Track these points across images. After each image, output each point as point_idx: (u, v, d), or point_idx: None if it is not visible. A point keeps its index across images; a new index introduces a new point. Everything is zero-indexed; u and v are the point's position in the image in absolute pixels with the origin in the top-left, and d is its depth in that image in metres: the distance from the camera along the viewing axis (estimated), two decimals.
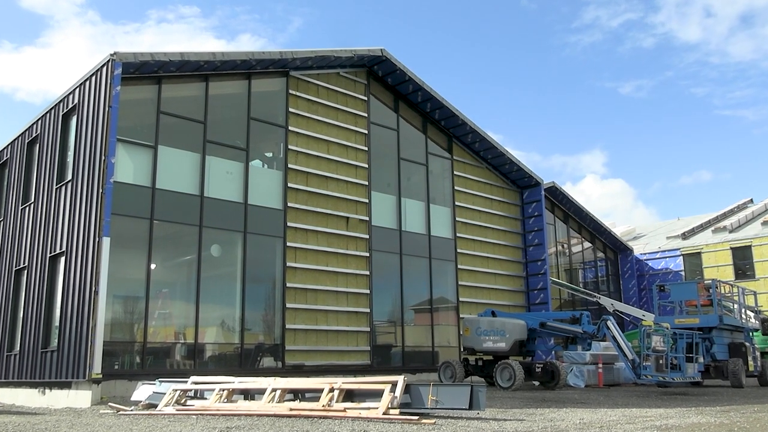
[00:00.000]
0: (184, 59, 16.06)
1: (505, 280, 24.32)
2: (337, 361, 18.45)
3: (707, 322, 19.68)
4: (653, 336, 16.51)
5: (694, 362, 17.92)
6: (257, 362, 17.42)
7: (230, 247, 17.55)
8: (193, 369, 15.39)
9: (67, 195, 15.77)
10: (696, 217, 39.05)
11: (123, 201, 15.00)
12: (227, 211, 17.17)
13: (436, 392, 9.40)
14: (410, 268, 21.33)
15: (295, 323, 17.84)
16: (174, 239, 16.86)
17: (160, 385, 12.12)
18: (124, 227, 15.05)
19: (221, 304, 17.37)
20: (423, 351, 21.32)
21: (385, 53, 20.54)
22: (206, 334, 16.77)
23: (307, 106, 19.50)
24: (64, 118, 16.92)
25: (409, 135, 22.60)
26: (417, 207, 22.18)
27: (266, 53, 17.88)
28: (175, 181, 16.36)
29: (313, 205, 18.93)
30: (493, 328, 18.22)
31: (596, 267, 31.62)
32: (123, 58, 14.91)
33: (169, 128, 16.50)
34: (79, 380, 13.68)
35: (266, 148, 19.74)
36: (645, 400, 14.16)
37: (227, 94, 18.31)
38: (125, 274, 15.59)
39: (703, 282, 21.85)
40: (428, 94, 21.92)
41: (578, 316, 18.04)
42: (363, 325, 19.35)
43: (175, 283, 17.03)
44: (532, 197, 25.53)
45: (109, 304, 14.39)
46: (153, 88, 16.44)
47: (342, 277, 19.20)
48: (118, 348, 15.12)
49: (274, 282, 18.00)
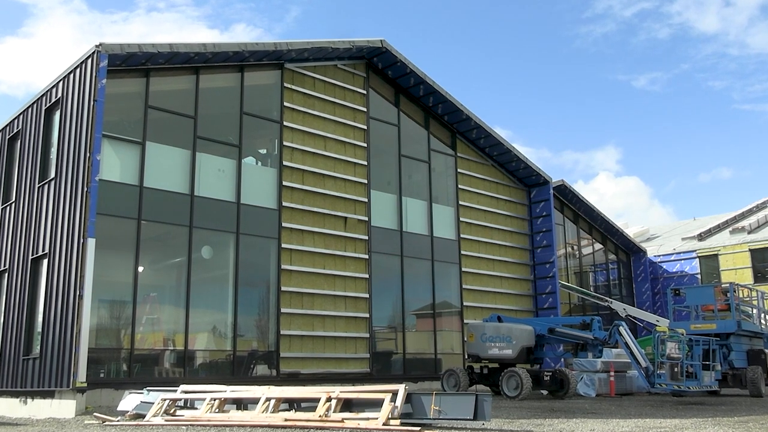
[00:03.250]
0: (173, 51, 16.08)
1: (512, 284, 24.34)
2: (335, 368, 18.46)
3: (725, 328, 19.69)
4: (668, 342, 16.54)
5: (711, 370, 17.94)
6: (250, 370, 17.43)
7: (222, 249, 17.56)
8: (183, 377, 15.39)
9: (50, 194, 15.77)
10: (713, 217, 39.05)
11: (109, 200, 15.00)
12: (219, 210, 17.18)
13: (439, 402, 9.41)
14: (412, 270, 21.34)
15: (290, 329, 17.85)
16: (163, 240, 16.87)
17: (148, 395, 12.13)
18: (110, 228, 15.05)
19: (212, 309, 17.38)
20: (425, 358, 21.33)
21: (385, 44, 20.55)
22: (197, 341, 16.78)
23: (303, 100, 19.51)
24: (47, 112, 16.93)
25: (411, 131, 22.62)
26: (419, 206, 22.19)
27: (260, 44, 17.89)
28: (164, 179, 16.37)
29: (310, 205, 18.94)
30: (499, 334, 18.23)
31: (608, 270, 31.64)
32: (109, 50, 14.91)
33: (158, 123, 16.51)
34: (63, 389, 13.67)
35: (260, 145, 19.75)
36: (659, 411, 14.16)
37: (219, 87, 18.33)
38: (111, 277, 15.60)
39: (720, 285, 21.85)
40: (431, 87, 21.93)
41: (589, 321, 18.05)
42: (362, 331, 19.36)
43: (164, 286, 17.04)
44: (540, 196, 25.55)
45: (95, 309, 14.39)
46: (141, 81, 16.45)
47: (340, 280, 19.21)
48: (104, 355, 15.13)
49: (269, 285, 18.02)
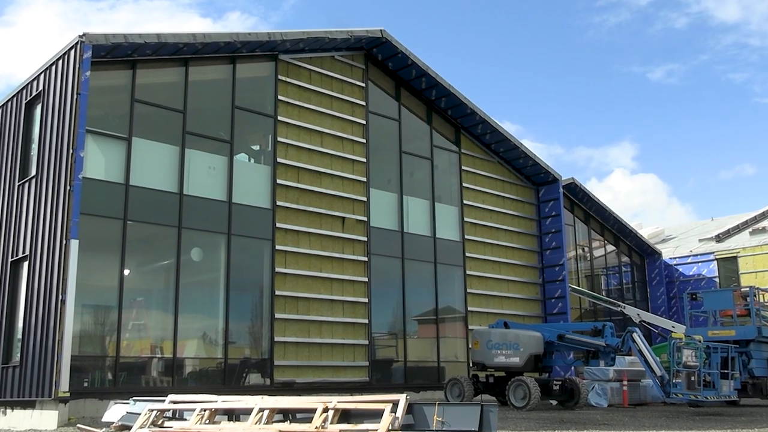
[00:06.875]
0: (161, 41, 16.06)
1: (519, 288, 24.32)
2: (332, 377, 18.45)
3: (744, 335, 19.65)
4: (684, 350, 16.49)
5: (730, 379, 17.89)
6: (243, 379, 17.42)
7: (212, 251, 17.54)
8: (172, 386, 15.36)
9: (31, 193, 15.76)
10: (731, 217, 39.00)
11: (93, 199, 14.97)
12: (209, 210, 17.16)
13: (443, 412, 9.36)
14: (413, 274, 21.32)
15: (284, 336, 17.83)
16: (150, 242, 16.86)
17: (135, 405, 12.08)
18: (94, 229, 15.03)
19: (202, 315, 17.37)
20: (427, 366, 21.31)
21: (385, 34, 20.54)
22: (186, 348, 16.76)
23: (299, 93, 19.49)
24: (28, 106, 16.91)
25: (412, 126, 22.60)
26: (421, 206, 22.17)
27: (253, 34, 17.88)
28: (152, 177, 16.34)
29: (305, 204, 18.92)
30: (506, 341, 18.21)
31: (620, 273, 31.62)
32: (93, 40, 14.89)
33: (145, 118, 16.49)
34: (44, 399, 13.66)
35: (253, 141, 19.73)
36: (675, 422, 14.13)
37: (209, 80, 18.32)
38: (96, 280, 15.59)
39: (739, 290, 21.83)
40: (433, 80, 21.91)
41: (600, 327, 18.03)
42: (360, 337, 19.34)
43: (151, 290, 17.03)
44: (550, 195, 25.52)
45: (78, 315, 14.38)
46: (127, 73, 16.42)
47: (337, 284, 19.19)
48: (88, 363, 15.11)
49: (262, 290, 18.00)
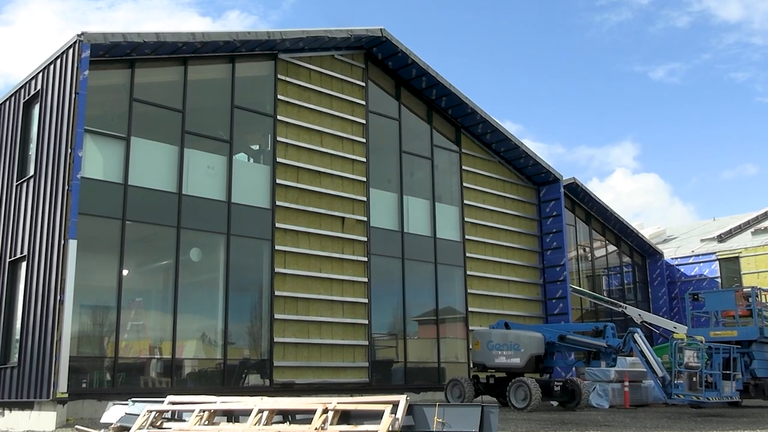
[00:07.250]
0: (160, 40, 16.08)
1: (520, 288, 24.34)
2: (332, 378, 18.47)
3: (746, 335, 19.67)
4: (686, 350, 16.51)
5: (732, 380, 17.91)
6: (242, 380, 17.44)
7: (212, 251, 17.56)
8: (170, 387, 15.38)
9: (29, 192, 15.78)
10: (733, 217, 39.01)
11: (91, 199, 14.99)
12: (208, 210, 17.18)
13: (443, 414, 9.38)
14: (413, 274, 21.34)
15: (284, 336, 17.85)
16: (148, 242, 16.87)
17: (133, 406, 12.10)
18: (92, 229, 15.05)
19: (201, 315, 17.38)
20: (428, 367, 21.33)
21: (385, 34, 20.56)
22: (185, 349, 16.77)
23: (298, 92, 19.51)
24: (26, 106, 16.93)
25: (413, 125, 22.62)
26: (421, 206, 22.19)
27: (252, 33, 17.89)
28: (150, 176, 16.36)
29: (305, 204, 18.94)
30: (507, 342, 18.23)
31: (622, 273, 31.64)
32: (92, 39, 14.91)
33: (144, 118, 16.50)
34: (43, 400, 13.68)
35: (252, 140, 19.75)
36: (676, 423, 14.16)
37: (208, 79, 18.33)
38: (94, 281, 15.60)
39: (741, 290, 21.84)
40: (433, 79, 21.93)
41: (602, 328, 18.03)
42: (360, 338, 19.36)
43: (150, 291, 17.04)
44: (550, 195, 25.55)
45: (76, 315, 14.38)
46: (125, 72, 16.44)
47: (337, 284, 19.21)
48: (86, 364, 15.13)
49: (261, 290, 18.01)
